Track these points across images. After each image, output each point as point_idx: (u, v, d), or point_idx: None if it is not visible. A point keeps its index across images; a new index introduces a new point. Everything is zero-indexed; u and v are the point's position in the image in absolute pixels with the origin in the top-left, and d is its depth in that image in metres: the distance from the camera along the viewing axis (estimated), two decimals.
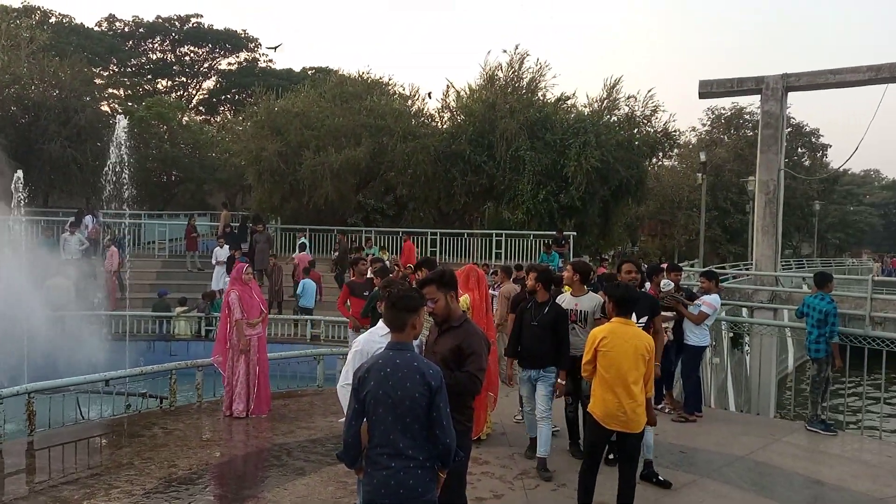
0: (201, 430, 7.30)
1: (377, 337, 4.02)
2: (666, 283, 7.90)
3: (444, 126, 23.48)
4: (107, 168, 13.92)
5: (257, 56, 42.72)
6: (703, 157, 26.45)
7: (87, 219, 18.31)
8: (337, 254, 18.81)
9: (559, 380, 5.88)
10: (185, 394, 8.55)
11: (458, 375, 3.85)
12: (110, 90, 37.90)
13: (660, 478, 5.66)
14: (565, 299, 6.28)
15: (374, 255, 17.61)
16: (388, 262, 15.94)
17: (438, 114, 24.20)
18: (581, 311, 6.22)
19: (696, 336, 7.84)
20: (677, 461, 6.30)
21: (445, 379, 3.29)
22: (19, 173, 12.66)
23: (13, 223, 13.43)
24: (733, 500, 5.49)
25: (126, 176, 14.01)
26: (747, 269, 18.85)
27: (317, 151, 21.00)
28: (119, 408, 7.95)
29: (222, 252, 16.77)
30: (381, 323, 4.10)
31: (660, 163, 31.84)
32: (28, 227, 13.63)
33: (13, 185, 12.74)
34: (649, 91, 24.47)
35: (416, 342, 3.84)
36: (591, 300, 6.28)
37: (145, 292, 16.72)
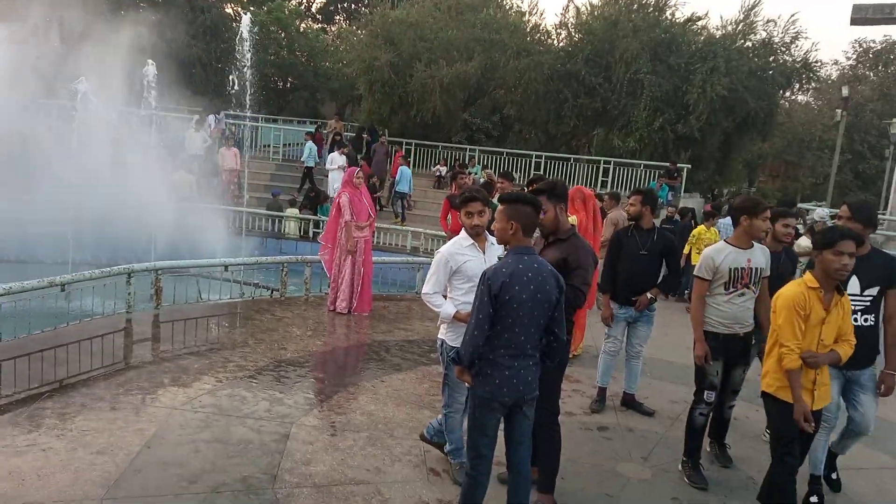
0: (307, 321, 7.73)
1: (462, 248, 3.97)
2: (821, 214, 6.91)
3: (560, 44, 22.48)
4: (234, 64, 14.08)
5: None
6: (845, 91, 24.00)
7: (210, 118, 19.17)
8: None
9: (650, 294, 5.36)
10: (294, 288, 9.03)
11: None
12: None
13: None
14: (727, 251, 4.44)
15: (475, 173, 17.54)
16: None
17: (555, 30, 23.18)
18: (755, 268, 4.43)
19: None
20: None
21: None
22: (151, 65, 13.22)
23: (143, 116, 14.27)
24: None
25: (248, 77, 14.36)
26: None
27: (428, 64, 20.78)
28: (234, 294, 8.55)
29: (339, 158, 16.68)
30: (463, 232, 4.04)
31: (794, 97, 29.33)
32: (156, 122, 14.42)
33: (143, 79, 13.34)
34: (792, 16, 22.33)
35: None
36: (764, 253, 4.53)
37: (260, 192, 17.55)
